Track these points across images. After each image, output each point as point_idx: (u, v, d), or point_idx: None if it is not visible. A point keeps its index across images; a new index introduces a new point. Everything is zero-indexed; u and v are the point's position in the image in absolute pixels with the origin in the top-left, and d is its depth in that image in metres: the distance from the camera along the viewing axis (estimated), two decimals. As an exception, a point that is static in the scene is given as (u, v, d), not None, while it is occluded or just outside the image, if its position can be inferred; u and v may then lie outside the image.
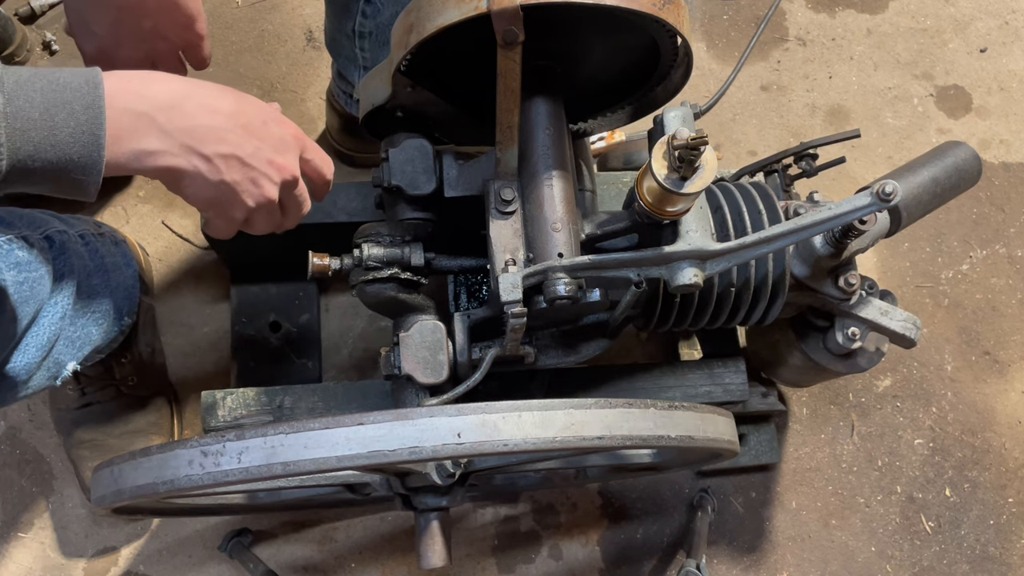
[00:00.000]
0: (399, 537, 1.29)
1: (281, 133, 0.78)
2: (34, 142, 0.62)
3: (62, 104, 0.64)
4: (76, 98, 0.64)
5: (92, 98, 0.65)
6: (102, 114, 0.65)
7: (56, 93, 0.64)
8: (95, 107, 0.65)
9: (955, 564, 1.36)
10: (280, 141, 0.78)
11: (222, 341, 1.33)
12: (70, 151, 0.64)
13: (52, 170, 0.64)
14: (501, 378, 1.05)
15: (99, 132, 0.65)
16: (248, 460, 0.64)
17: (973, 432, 1.42)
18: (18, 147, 0.62)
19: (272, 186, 0.78)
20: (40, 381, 0.93)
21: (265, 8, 1.53)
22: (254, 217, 0.80)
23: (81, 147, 0.64)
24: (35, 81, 0.64)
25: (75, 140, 0.64)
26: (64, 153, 0.64)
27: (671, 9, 0.81)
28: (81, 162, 0.65)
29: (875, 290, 1.06)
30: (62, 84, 0.64)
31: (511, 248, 0.90)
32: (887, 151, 1.57)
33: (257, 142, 0.75)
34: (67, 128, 0.63)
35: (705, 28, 1.62)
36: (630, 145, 1.34)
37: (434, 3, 0.79)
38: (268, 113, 0.78)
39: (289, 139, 0.79)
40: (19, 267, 0.82)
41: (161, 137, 0.70)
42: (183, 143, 0.71)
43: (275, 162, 0.77)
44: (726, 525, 1.34)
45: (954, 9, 1.68)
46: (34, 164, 0.63)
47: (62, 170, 0.64)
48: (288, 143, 0.79)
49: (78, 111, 0.64)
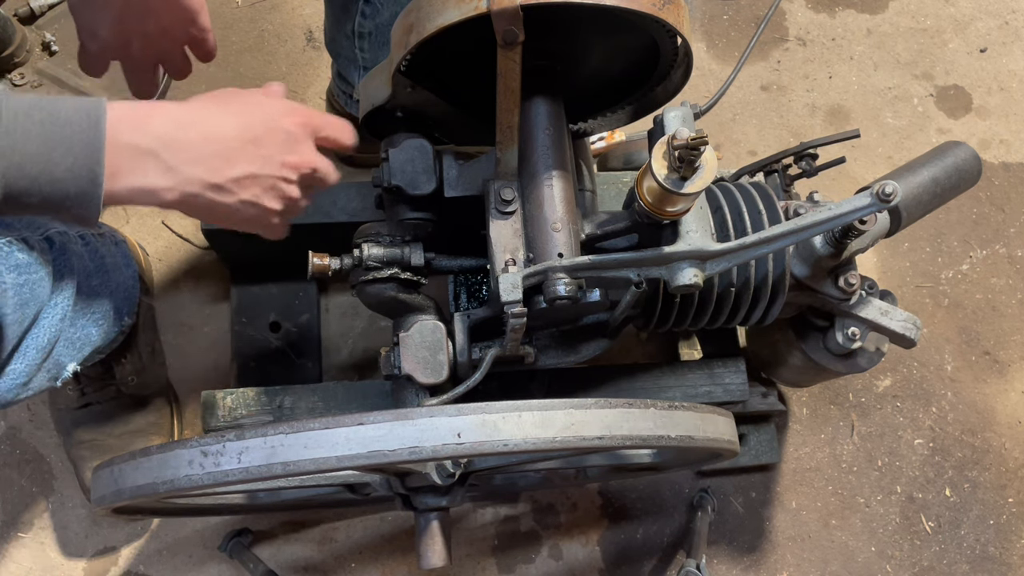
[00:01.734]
0: (399, 537, 1.29)
1: (288, 128, 0.78)
2: (30, 176, 0.62)
3: (60, 140, 0.63)
4: (75, 133, 0.63)
5: (92, 135, 0.64)
6: (101, 152, 0.64)
7: (56, 128, 0.63)
8: (94, 145, 0.64)
9: (955, 564, 1.36)
10: (289, 138, 0.77)
11: (222, 341, 1.33)
12: (67, 186, 0.63)
13: (48, 203, 0.64)
14: (501, 378, 1.05)
15: (97, 169, 0.64)
16: (248, 460, 0.64)
17: (973, 432, 1.42)
18: (14, 180, 0.61)
19: (291, 186, 0.78)
20: (40, 382, 0.93)
21: (265, 8, 1.53)
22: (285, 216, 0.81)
23: (78, 183, 0.64)
24: (34, 113, 0.63)
25: (72, 176, 0.63)
26: (61, 188, 0.63)
27: (671, 9, 0.81)
28: (78, 198, 0.64)
29: (875, 290, 1.06)
30: (62, 120, 0.63)
31: (511, 248, 0.90)
32: (887, 151, 1.57)
33: (267, 152, 0.75)
34: (64, 164, 0.63)
35: (705, 28, 1.62)
36: (630, 145, 1.34)
37: (434, 3, 0.79)
38: (272, 111, 0.77)
39: (297, 130, 0.79)
40: (19, 269, 0.82)
41: (165, 174, 0.69)
42: (191, 177, 0.70)
43: (288, 162, 0.77)
44: (726, 525, 1.34)
45: (954, 9, 1.68)
46: (30, 199, 0.63)
47: (59, 203, 0.64)
48: (297, 135, 0.78)
49: (76, 148, 0.63)
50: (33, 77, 1.44)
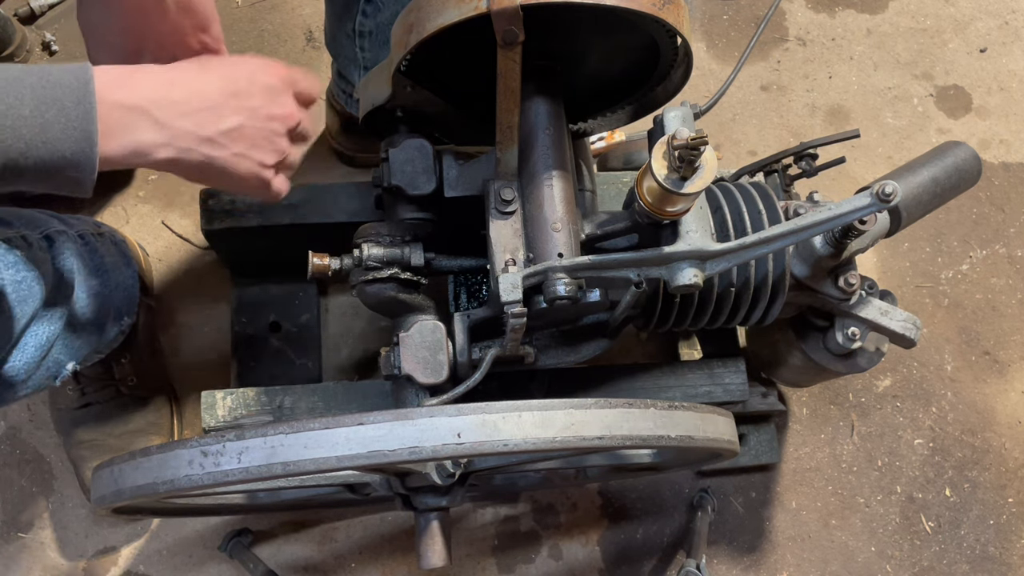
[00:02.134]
0: (399, 537, 1.29)
1: (269, 82, 0.80)
2: (25, 139, 0.62)
3: (52, 101, 0.63)
4: (66, 95, 0.64)
5: (82, 94, 0.65)
6: (93, 110, 0.65)
7: (46, 90, 0.64)
8: (86, 103, 0.65)
9: (955, 564, 1.36)
10: (271, 90, 0.80)
11: (222, 341, 1.33)
12: (62, 147, 0.64)
13: (45, 167, 0.64)
14: (501, 378, 1.05)
15: (91, 128, 0.65)
16: (248, 460, 0.64)
17: (973, 432, 1.42)
18: (9, 145, 0.62)
19: (280, 139, 0.80)
20: (39, 381, 0.93)
21: (265, 8, 1.53)
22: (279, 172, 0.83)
23: (73, 143, 0.64)
24: (25, 78, 0.63)
25: (67, 136, 0.64)
26: (56, 150, 0.64)
27: (671, 9, 0.81)
28: (74, 159, 0.65)
29: (875, 290, 1.06)
30: (52, 81, 0.64)
31: (511, 248, 0.90)
32: (887, 151, 1.57)
33: (252, 103, 0.77)
34: (58, 124, 0.63)
35: (705, 28, 1.62)
36: (630, 145, 1.34)
37: (434, 3, 0.79)
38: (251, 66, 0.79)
39: (278, 84, 0.81)
40: (17, 267, 0.82)
41: (158, 129, 0.70)
42: (183, 131, 0.72)
43: (275, 114, 0.79)
44: (726, 525, 1.34)
45: (954, 9, 1.68)
46: (26, 162, 0.63)
47: (55, 167, 0.64)
48: (278, 88, 0.81)
49: (69, 107, 0.64)
50: (33, 77, 1.44)
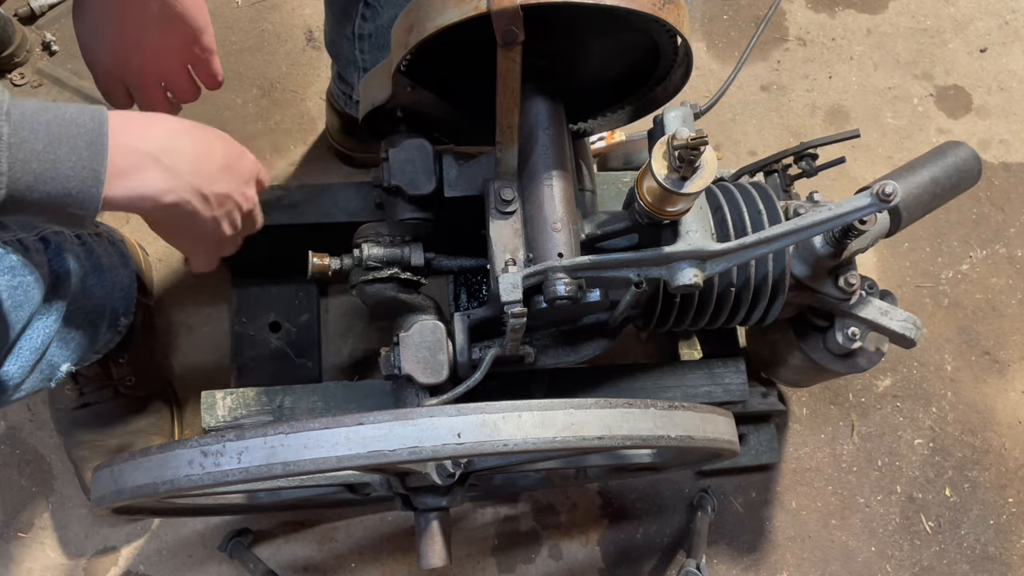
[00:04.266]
0: (399, 537, 1.29)
1: (248, 166, 0.84)
2: (34, 173, 0.63)
3: (66, 138, 0.65)
4: (80, 133, 0.66)
5: (96, 135, 0.66)
6: (104, 150, 0.67)
7: (61, 127, 0.65)
8: (98, 144, 0.66)
9: (955, 564, 1.36)
10: (248, 174, 0.84)
11: (222, 341, 1.33)
12: (69, 185, 0.65)
13: (49, 202, 0.65)
14: (501, 378, 1.05)
15: (99, 168, 0.66)
16: (248, 460, 0.64)
17: (973, 432, 1.42)
18: (18, 177, 0.63)
19: (239, 215, 0.84)
20: (33, 383, 0.92)
21: (265, 8, 1.53)
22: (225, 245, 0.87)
23: (80, 181, 0.66)
24: (41, 114, 0.65)
25: (75, 174, 0.65)
26: (63, 186, 0.65)
27: (671, 9, 0.81)
28: (79, 197, 0.66)
29: (875, 290, 1.06)
30: (68, 119, 0.66)
31: (511, 248, 0.90)
32: (887, 151, 1.57)
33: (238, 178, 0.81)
34: (68, 162, 0.65)
35: (705, 28, 1.62)
36: (630, 145, 1.34)
37: (434, 3, 0.79)
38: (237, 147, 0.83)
39: (252, 169, 0.85)
40: (13, 271, 0.82)
41: (165, 176, 0.72)
42: (188, 183, 0.74)
43: (246, 194, 0.83)
44: (726, 525, 1.34)
45: (954, 9, 1.68)
46: (31, 195, 0.64)
47: (59, 203, 0.66)
48: (252, 173, 0.85)
49: (81, 146, 0.65)
50: (33, 77, 1.44)
